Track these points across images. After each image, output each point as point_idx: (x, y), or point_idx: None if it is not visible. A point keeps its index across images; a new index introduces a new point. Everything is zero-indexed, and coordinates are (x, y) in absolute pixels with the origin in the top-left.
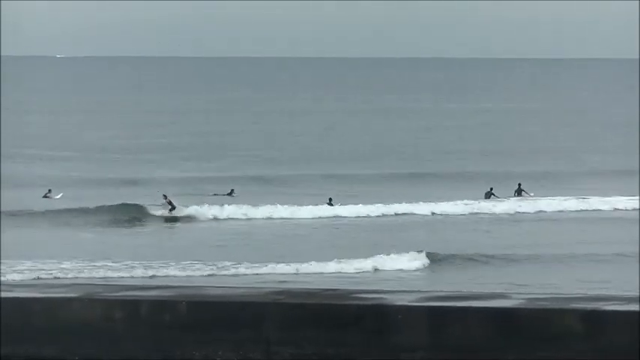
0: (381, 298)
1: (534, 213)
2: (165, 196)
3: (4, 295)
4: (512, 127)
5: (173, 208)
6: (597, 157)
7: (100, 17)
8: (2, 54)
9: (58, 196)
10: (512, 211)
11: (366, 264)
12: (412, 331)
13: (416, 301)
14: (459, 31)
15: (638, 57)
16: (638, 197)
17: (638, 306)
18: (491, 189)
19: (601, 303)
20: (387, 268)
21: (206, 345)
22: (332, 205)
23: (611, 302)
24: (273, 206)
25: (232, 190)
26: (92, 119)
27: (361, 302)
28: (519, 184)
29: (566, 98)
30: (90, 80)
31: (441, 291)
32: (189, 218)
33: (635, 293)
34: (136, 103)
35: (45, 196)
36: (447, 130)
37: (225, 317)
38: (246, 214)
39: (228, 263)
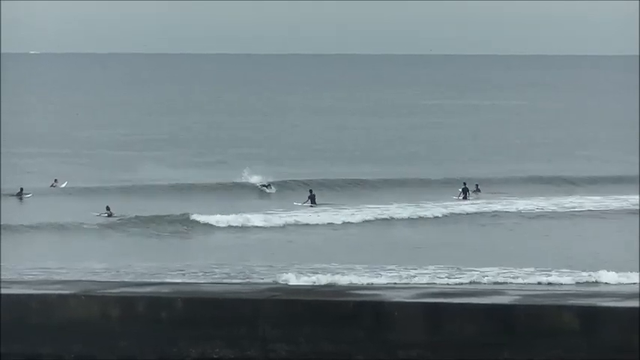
0: (378, 294)
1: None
2: (107, 207)
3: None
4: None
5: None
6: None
7: (76, 14)
8: None
9: (63, 185)
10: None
11: None
12: (409, 327)
13: (412, 298)
14: (455, 28)
15: (638, 54)
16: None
17: (636, 302)
18: (465, 183)
19: (597, 299)
20: None
21: (202, 342)
22: (314, 196)
23: (608, 298)
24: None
25: (270, 184)
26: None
27: (358, 299)
28: (464, 183)
29: (563, 97)
30: (64, 77)
31: (436, 286)
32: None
33: (632, 289)
34: (111, 99)
35: (52, 186)
36: (450, 129)
37: (221, 314)
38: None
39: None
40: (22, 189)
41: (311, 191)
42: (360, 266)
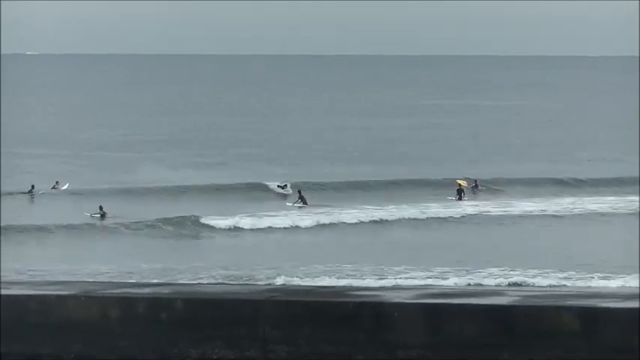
0: (378, 295)
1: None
2: (101, 207)
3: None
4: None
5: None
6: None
7: (75, 14)
8: None
9: (64, 187)
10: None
11: None
12: (408, 328)
13: (412, 299)
14: (455, 28)
15: (638, 54)
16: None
17: (636, 303)
18: (459, 184)
19: (598, 300)
20: None
21: (202, 343)
22: (303, 196)
23: (609, 299)
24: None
25: (286, 185)
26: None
27: (358, 299)
28: (459, 184)
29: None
30: (63, 78)
31: (435, 287)
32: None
33: (632, 290)
34: (102, 100)
35: (53, 188)
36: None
37: (221, 315)
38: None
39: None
40: (33, 186)
41: (300, 191)
42: (367, 267)
